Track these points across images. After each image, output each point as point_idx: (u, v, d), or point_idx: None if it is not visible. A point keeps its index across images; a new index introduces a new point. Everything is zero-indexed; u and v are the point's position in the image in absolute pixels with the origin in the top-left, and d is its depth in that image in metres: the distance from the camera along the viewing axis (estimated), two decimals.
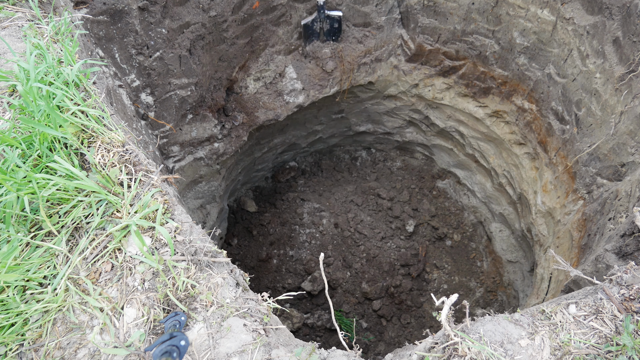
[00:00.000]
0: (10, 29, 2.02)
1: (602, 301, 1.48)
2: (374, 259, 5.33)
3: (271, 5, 3.95)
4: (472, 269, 5.41)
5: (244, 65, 4.21)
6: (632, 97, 2.76)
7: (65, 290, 1.39)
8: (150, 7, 3.08)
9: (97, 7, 2.81)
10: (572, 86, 3.40)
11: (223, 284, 1.45)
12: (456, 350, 1.33)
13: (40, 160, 1.58)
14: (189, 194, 4.21)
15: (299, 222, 5.54)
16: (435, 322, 5.02)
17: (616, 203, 2.68)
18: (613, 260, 2.10)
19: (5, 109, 1.74)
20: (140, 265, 1.44)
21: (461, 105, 4.76)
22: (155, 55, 3.27)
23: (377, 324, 5.07)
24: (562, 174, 3.60)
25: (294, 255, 5.32)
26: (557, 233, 3.58)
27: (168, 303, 1.39)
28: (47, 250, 1.46)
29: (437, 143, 5.56)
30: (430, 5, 4.09)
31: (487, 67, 4.23)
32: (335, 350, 1.47)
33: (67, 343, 1.33)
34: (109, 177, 1.57)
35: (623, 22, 2.80)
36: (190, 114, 3.78)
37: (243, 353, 1.32)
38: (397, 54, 4.67)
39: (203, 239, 1.54)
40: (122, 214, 1.51)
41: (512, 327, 1.42)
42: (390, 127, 5.70)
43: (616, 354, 1.34)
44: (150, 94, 3.38)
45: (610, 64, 2.95)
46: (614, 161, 2.92)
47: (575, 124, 3.39)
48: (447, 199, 5.86)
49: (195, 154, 4.04)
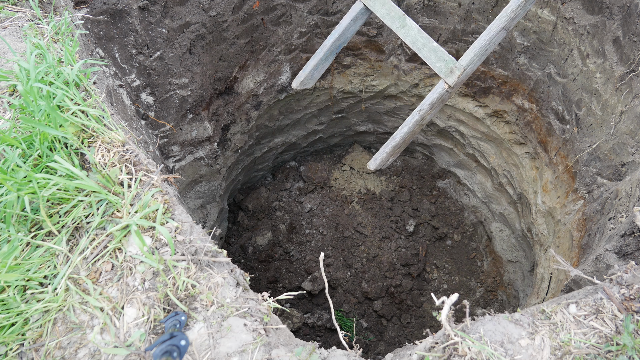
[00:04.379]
0: (10, 28, 2.02)
1: (602, 301, 1.48)
2: (374, 258, 5.33)
3: (271, 5, 3.95)
4: (472, 268, 5.41)
5: (244, 65, 4.21)
6: (632, 97, 2.76)
7: (65, 290, 1.40)
8: (151, 6, 3.08)
9: (98, 6, 2.81)
10: (572, 86, 3.39)
11: (223, 284, 1.45)
12: (456, 350, 1.33)
13: (40, 160, 1.58)
14: (189, 194, 4.21)
15: (299, 222, 5.55)
16: (435, 322, 5.02)
17: (616, 203, 2.68)
18: (613, 260, 2.10)
19: (6, 109, 1.74)
20: (141, 265, 1.44)
21: (461, 104, 4.76)
22: (156, 55, 3.27)
23: (377, 323, 5.07)
24: (563, 174, 3.60)
25: (294, 255, 5.33)
26: (557, 233, 3.58)
27: (168, 303, 1.39)
28: (48, 250, 1.46)
29: (437, 143, 5.56)
30: (430, 5, 4.09)
31: (487, 66, 4.23)
32: (336, 350, 1.47)
33: (68, 343, 1.33)
34: (109, 177, 1.57)
35: (623, 22, 2.80)
36: (191, 114, 3.78)
37: (243, 353, 1.32)
38: (397, 54, 4.67)
39: (203, 239, 1.55)
40: (123, 214, 1.52)
41: (512, 326, 1.42)
42: (390, 126, 5.70)
43: (616, 354, 1.34)
44: (150, 93, 3.38)
45: (610, 63, 2.95)
46: (614, 161, 2.92)
47: (576, 123, 3.38)
48: (447, 199, 5.86)
49: (196, 154, 4.04)
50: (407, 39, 2.89)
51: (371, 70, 4.91)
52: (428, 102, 2.84)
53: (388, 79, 4.93)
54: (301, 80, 3.18)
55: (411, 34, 2.88)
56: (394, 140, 2.92)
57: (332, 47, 3.17)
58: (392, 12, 2.95)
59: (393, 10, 2.94)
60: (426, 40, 2.85)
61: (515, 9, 2.60)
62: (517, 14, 2.63)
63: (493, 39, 2.71)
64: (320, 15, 4.34)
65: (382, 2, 2.96)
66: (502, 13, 2.61)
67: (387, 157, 3.01)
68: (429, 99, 2.82)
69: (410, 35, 2.89)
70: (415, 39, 2.90)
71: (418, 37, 2.89)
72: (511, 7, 2.61)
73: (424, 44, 2.87)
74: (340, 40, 3.18)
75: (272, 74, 4.52)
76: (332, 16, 4.36)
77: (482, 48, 2.72)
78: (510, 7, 2.61)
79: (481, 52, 2.73)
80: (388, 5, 2.95)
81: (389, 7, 2.95)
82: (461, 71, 2.72)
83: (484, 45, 2.71)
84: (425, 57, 2.85)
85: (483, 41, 2.70)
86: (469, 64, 2.73)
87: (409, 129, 2.92)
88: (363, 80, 5.02)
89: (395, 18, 2.93)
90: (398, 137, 2.94)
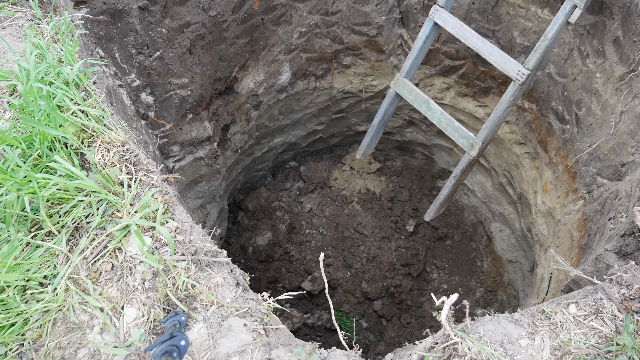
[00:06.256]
0: (10, 28, 2.02)
1: (602, 301, 1.48)
2: (374, 258, 5.33)
3: (271, 5, 3.95)
4: (472, 268, 5.41)
5: (244, 65, 4.21)
6: (632, 97, 2.76)
7: (65, 290, 1.40)
8: (151, 6, 3.08)
9: (97, 6, 2.81)
10: (572, 86, 3.39)
11: (223, 284, 1.45)
12: (456, 350, 1.33)
13: (40, 160, 1.58)
14: (189, 194, 4.21)
15: (299, 222, 5.55)
16: (435, 322, 5.02)
17: (616, 203, 2.68)
18: (613, 260, 2.10)
19: (6, 109, 1.74)
20: (141, 265, 1.44)
21: (461, 104, 4.75)
22: (156, 55, 3.27)
23: (377, 323, 5.07)
24: (562, 174, 3.60)
25: (294, 255, 5.33)
26: (557, 233, 3.58)
27: (168, 303, 1.39)
28: (48, 250, 1.46)
29: (437, 143, 5.56)
30: (430, 5, 4.09)
31: (487, 66, 4.23)
32: (336, 350, 1.47)
33: (67, 343, 1.33)
34: (109, 177, 1.57)
35: (623, 22, 2.80)
36: (191, 114, 3.78)
37: (243, 353, 1.32)
38: (397, 54, 4.67)
39: (203, 239, 1.55)
40: (122, 214, 1.52)
41: (512, 327, 1.42)
42: (390, 126, 5.70)
43: (616, 354, 1.34)
44: (150, 93, 3.38)
45: (610, 63, 2.94)
46: (614, 161, 2.92)
47: (576, 123, 3.38)
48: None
49: (196, 154, 4.04)
50: (434, 120, 3.48)
51: (371, 70, 4.91)
52: (459, 170, 3.48)
53: (388, 79, 4.93)
54: (362, 152, 4.13)
55: (436, 115, 3.46)
56: (439, 199, 3.73)
57: (379, 124, 3.95)
58: (419, 98, 3.53)
59: (419, 97, 3.52)
60: (449, 120, 3.40)
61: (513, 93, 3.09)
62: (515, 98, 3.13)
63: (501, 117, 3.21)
64: (320, 15, 4.34)
65: (410, 90, 3.57)
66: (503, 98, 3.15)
67: (436, 211, 3.83)
68: (459, 168, 3.48)
69: (435, 117, 3.47)
70: (440, 120, 3.45)
71: (442, 118, 3.44)
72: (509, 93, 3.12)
73: (447, 123, 3.43)
74: (383, 119, 3.92)
75: (272, 74, 4.52)
76: (332, 16, 4.36)
77: (494, 124, 3.25)
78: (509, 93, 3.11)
79: (494, 127, 3.26)
80: (415, 93, 3.56)
81: (416, 94, 3.55)
82: (480, 145, 3.27)
83: (495, 123, 3.24)
84: (450, 134, 3.41)
85: (493, 119, 3.22)
86: (485, 139, 3.28)
87: (449, 190, 3.63)
88: (363, 80, 5.02)
89: (422, 102, 3.51)
90: (442, 196, 3.70)
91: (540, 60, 2.93)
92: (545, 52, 2.89)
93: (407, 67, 3.55)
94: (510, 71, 3.04)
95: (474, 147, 3.31)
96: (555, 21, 2.82)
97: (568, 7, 2.77)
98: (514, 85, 3.06)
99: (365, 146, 4.08)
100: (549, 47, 2.87)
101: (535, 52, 2.91)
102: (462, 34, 3.27)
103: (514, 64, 3.02)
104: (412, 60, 3.52)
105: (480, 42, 3.19)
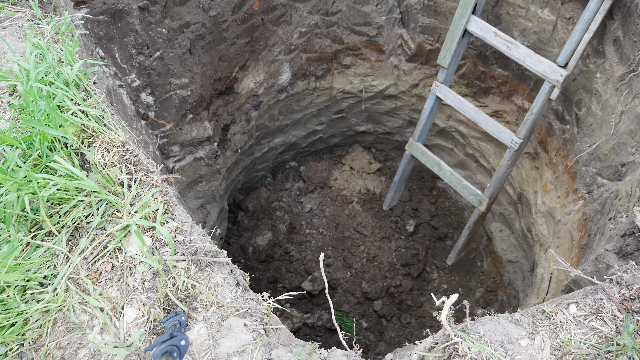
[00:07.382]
0: (10, 28, 2.02)
1: (602, 301, 1.48)
2: (374, 259, 5.33)
3: (271, 5, 3.95)
4: (472, 269, 5.41)
5: (244, 65, 4.21)
6: (632, 97, 2.76)
7: (65, 290, 1.40)
8: (151, 6, 3.08)
9: (98, 6, 2.81)
10: (572, 86, 3.40)
11: (223, 284, 1.45)
12: (456, 350, 1.33)
13: (40, 160, 1.58)
14: (189, 194, 4.21)
15: (299, 222, 5.55)
16: (435, 322, 5.02)
17: (616, 203, 2.68)
18: (613, 260, 2.10)
19: (6, 109, 1.74)
20: (141, 265, 1.44)
21: None
22: (156, 55, 3.27)
23: (377, 323, 5.07)
24: (562, 174, 3.60)
25: (294, 255, 5.33)
26: (557, 233, 3.58)
27: (168, 303, 1.39)
28: (48, 250, 1.46)
29: (437, 143, 5.56)
30: (430, 5, 4.09)
31: (487, 66, 4.23)
32: (336, 350, 1.47)
33: (68, 343, 1.33)
34: (109, 177, 1.57)
35: (623, 22, 2.80)
36: (191, 114, 3.78)
37: (243, 353, 1.32)
38: (397, 54, 4.67)
39: (203, 239, 1.55)
40: (123, 214, 1.52)
41: (512, 327, 1.42)
42: (390, 127, 5.70)
43: (616, 354, 1.34)
44: (150, 93, 3.38)
45: (610, 63, 2.94)
46: (614, 161, 2.92)
47: (576, 123, 3.39)
48: (447, 199, 5.86)
49: (196, 154, 4.04)
50: (445, 179, 3.94)
51: (371, 70, 4.91)
52: (472, 222, 3.94)
53: (388, 79, 4.93)
54: (388, 204, 4.74)
55: (447, 175, 3.93)
56: (457, 246, 4.27)
57: (400, 180, 4.48)
58: (430, 159, 4.03)
59: (431, 159, 4.03)
60: (458, 179, 3.85)
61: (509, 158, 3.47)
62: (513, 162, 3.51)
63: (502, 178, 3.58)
64: (320, 15, 4.34)
65: (422, 152, 4.06)
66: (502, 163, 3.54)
67: (456, 256, 4.36)
68: (472, 220, 3.93)
69: (446, 176, 3.93)
70: (450, 178, 3.90)
71: (452, 178, 3.89)
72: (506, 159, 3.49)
73: (457, 182, 3.85)
74: (403, 176, 4.43)
75: (272, 74, 4.52)
76: (332, 16, 4.36)
77: (497, 184, 3.63)
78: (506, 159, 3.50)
79: (498, 186, 3.63)
80: (427, 155, 4.04)
81: (428, 156, 4.03)
82: (487, 201, 3.70)
83: (498, 183, 3.62)
84: (460, 191, 3.86)
85: (496, 180, 3.61)
86: (492, 195, 3.69)
87: (465, 239, 4.14)
88: (363, 80, 5.02)
89: (433, 163, 4.01)
90: (460, 244, 4.23)
91: (530, 130, 3.30)
92: (533, 124, 3.26)
93: (418, 133, 4.04)
94: (505, 140, 3.43)
95: (482, 203, 3.70)
96: (538, 99, 3.16)
97: (547, 88, 3.10)
98: (509, 152, 3.44)
99: (389, 199, 4.66)
100: (536, 120, 3.25)
101: (525, 124, 3.27)
102: (460, 107, 3.68)
103: (507, 133, 3.41)
104: (421, 127, 4.01)
105: (477, 114, 3.59)
